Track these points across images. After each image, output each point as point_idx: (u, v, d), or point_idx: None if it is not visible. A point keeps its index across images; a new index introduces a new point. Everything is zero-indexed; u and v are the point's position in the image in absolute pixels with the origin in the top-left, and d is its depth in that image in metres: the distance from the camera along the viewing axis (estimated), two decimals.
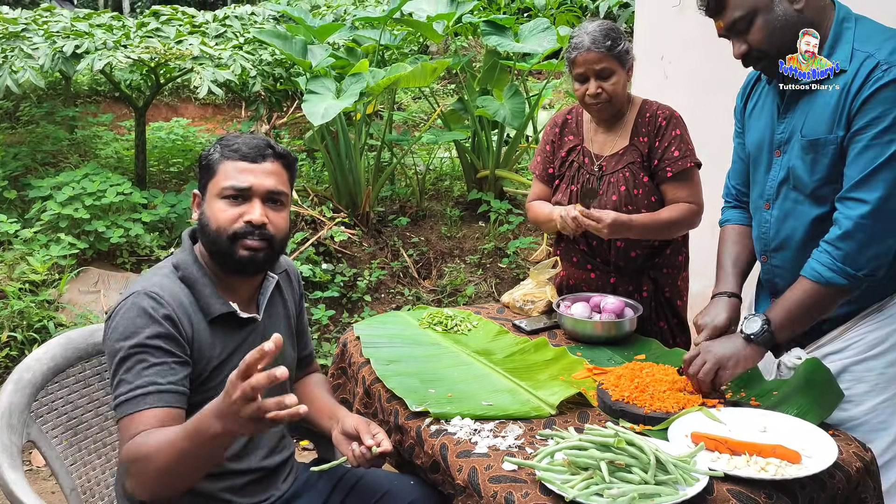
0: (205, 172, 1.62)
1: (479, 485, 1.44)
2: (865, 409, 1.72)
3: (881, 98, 1.57)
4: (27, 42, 3.82)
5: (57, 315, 3.37)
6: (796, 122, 1.73)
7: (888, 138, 1.57)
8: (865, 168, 1.60)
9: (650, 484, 1.33)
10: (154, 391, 1.44)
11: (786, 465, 1.43)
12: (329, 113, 3.89)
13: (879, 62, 1.57)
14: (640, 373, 1.80)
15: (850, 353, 1.75)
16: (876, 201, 1.59)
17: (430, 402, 1.73)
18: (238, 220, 1.56)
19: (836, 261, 1.64)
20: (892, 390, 1.72)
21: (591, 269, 2.36)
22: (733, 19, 1.67)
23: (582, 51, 2.16)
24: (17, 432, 1.58)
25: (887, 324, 1.73)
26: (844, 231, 1.63)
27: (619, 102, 2.24)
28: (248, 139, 1.62)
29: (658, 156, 2.24)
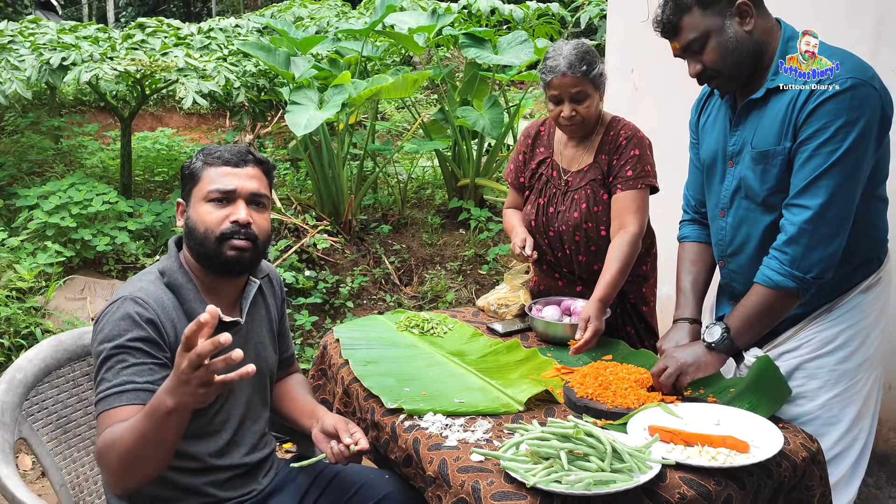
0: (188, 180, 1.70)
1: (449, 475, 1.53)
2: (818, 404, 1.83)
3: (825, 111, 1.67)
4: (14, 54, 3.89)
5: (44, 322, 3.44)
6: (747, 134, 1.84)
7: (830, 148, 1.67)
8: (809, 176, 1.70)
9: (606, 471, 1.43)
10: (130, 389, 1.51)
11: (735, 454, 1.53)
12: (311, 123, 3.98)
13: (822, 78, 1.69)
14: (603, 371, 1.90)
15: (802, 352, 1.86)
16: (818, 207, 1.69)
17: (405, 400, 1.82)
18: (224, 221, 1.64)
19: (784, 265, 1.73)
20: (842, 386, 1.83)
21: (559, 278, 2.47)
22: (688, 41, 1.77)
23: (557, 74, 2.19)
24: (10, 430, 1.66)
25: (836, 324, 1.83)
26: (790, 236, 1.72)
27: (591, 123, 2.30)
28: (230, 147, 1.72)
29: (613, 173, 2.30)
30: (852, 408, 1.84)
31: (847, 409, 1.83)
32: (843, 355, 1.83)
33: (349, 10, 7.40)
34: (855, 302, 1.84)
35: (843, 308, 1.84)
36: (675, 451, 1.56)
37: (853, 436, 1.84)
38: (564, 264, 2.42)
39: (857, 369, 1.84)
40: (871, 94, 1.67)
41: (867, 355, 1.85)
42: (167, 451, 1.46)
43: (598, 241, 2.34)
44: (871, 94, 1.67)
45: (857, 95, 1.65)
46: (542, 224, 2.40)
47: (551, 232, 2.39)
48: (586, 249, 2.36)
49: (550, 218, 2.38)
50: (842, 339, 1.83)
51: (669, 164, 2.44)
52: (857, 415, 1.85)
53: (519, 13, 5.69)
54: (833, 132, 1.67)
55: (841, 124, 1.66)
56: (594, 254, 2.35)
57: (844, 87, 1.66)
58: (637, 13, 3.17)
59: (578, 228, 2.33)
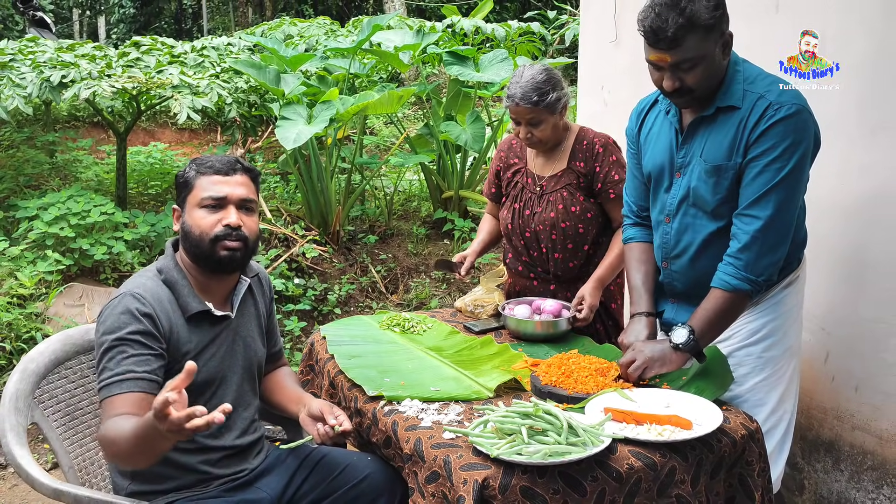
0: (183, 188, 1.88)
1: (423, 451, 1.70)
2: (746, 388, 2.03)
3: (774, 132, 1.85)
4: (15, 72, 4.06)
5: (44, 327, 3.59)
6: (696, 148, 1.99)
7: (779, 165, 1.85)
8: (759, 189, 1.87)
9: (562, 444, 1.60)
10: (131, 378, 1.69)
11: (679, 430, 1.71)
12: (300, 138, 4.16)
13: (771, 102, 1.86)
14: (567, 362, 2.07)
15: (733, 342, 2.06)
16: (767, 217, 1.87)
17: (385, 388, 1.98)
18: (217, 225, 1.82)
19: (739, 270, 1.90)
20: (767, 372, 2.03)
21: (533, 278, 2.65)
22: (683, 59, 1.82)
23: (511, 103, 2.43)
24: (23, 415, 1.82)
25: (762, 316, 2.04)
26: (743, 244, 1.89)
27: (550, 140, 2.51)
28: (220, 157, 1.90)
29: (600, 179, 2.51)
30: (777, 391, 2.04)
31: (772, 392, 2.03)
32: (768, 344, 2.03)
33: (338, 28, 7.61)
34: (779, 297, 2.04)
35: (767, 302, 2.04)
36: (626, 428, 1.73)
37: (778, 416, 2.04)
38: (540, 264, 2.60)
39: (780, 357, 2.04)
40: (809, 119, 1.87)
41: (788, 344, 2.06)
42: (157, 456, 1.61)
43: (574, 239, 2.53)
44: (809, 119, 1.87)
45: (800, 119, 1.84)
46: (519, 226, 2.59)
47: (528, 233, 2.57)
48: (563, 247, 2.54)
49: (527, 220, 2.57)
50: (766, 330, 2.03)
51: None
52: (781, 397, 2.05)
53: (501, 32, 5.91)
54: (781, 151, 1.84)
55: (788, 144, 1.84)
56: (571, 251, 2.54)
57: (791, 112, 1.83)
58: (607, 34, 3.38)
59: (556, 227, 2.51)
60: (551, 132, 2.48)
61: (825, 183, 2.26)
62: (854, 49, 2.20)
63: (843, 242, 2.40)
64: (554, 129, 2.49)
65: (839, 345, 2.41)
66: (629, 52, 3.25)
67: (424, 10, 13.67)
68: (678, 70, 1.84)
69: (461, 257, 2.65)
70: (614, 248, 2.51)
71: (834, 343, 2.42)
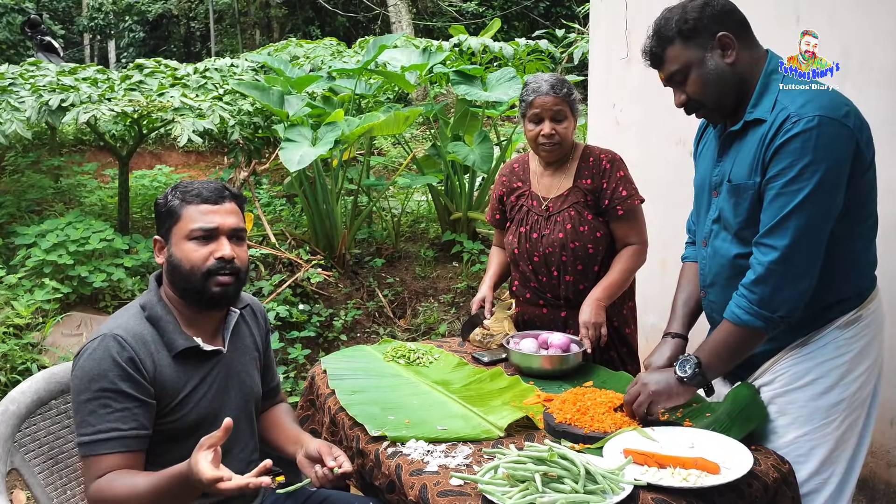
0: (166, 218, 1.75)
1: (429, 499, 1.57)
2: (786, 441, 1.79)
3: (790, 149, 1.65)
4: (14, 96, 4.00)
5: (40, 358, 3.49)
6: (727, 166, 1.84)
7: (796, 187, 1.65)
8: (776, 215, 1.68)
9: (580, 493, 1.48)
10: (116, 437, 1.59)
11: (705, 475, 1.58)
12: (304, 160, 4.07)
13: (790, 114, 1.66)
14: (582, 397, 1.95)
15: (775, 386, 1.83)
16: (784, 248, 1.67)
17: (389, 427, 1.86)
18: (209, 258, 1.71)
19: (752, 304, 1.71)
20: (812, 425, 1.78)
21: (542, 305, 2.52)
22: (671, 72, 1.79)
23: (541, 94, 2.36)
24: (2, 461, 1.70)
25: (809, 358, 1.79)
26: (758, 276, 1.70)
27: (567, 146, 2.43)
28: (206, 184, 1.78)
29: (608, 196, 2.42)
30: (822, 448, 1.77)
31: (816, 449, 1.77)
32: (815, 392, 1.78)
33: (344, 49, 7.56)
34: (830, 338, 1.78)
35: (817, 343, 1.79)
36: (648, 472, 1.60)
37: (822, 479, 1.78)
38: (549, 289, 2.48)
39: (831, 409, 1.77)
40: (840, 132, 1.64)
41: (843, 395, 1.78)
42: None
43: (584, 260, 2.42)
44: (840, 133, 1.64)
45: (823, 133, 1.62)
46: (526, 250, 2.47)
47: (535, 257, 2.45)
48: (573, 269, 2.43)
49: (535, 243, 2.45)
50: (814, 375, 1.78)
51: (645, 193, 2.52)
52: (829, 457, 1.77)
53: (509, 50, 5.83)
54: (798, 171, 1.64)
55: (806, 163, 1.63)
56: (581, 273, 2.43)
57: (810, 125, 1.63)
58: (618, 51, 3.28)
59: (565, 248, 2.40)
60: (570, 137, 2.42)
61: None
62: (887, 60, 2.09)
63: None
64: (571, 134, 2.43)
65: None
66: (641, 70, 3.13)
67: (432, 30, 13.68)
68: (674, 84, 1.81)
69: (479, 303, 2.51)
70: (615, 267, 2.41)
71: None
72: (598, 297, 2.35)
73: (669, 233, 2.87)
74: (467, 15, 13.84)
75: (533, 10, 14.15)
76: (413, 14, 12.51)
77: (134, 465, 1.61)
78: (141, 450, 1.63)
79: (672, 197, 2.96)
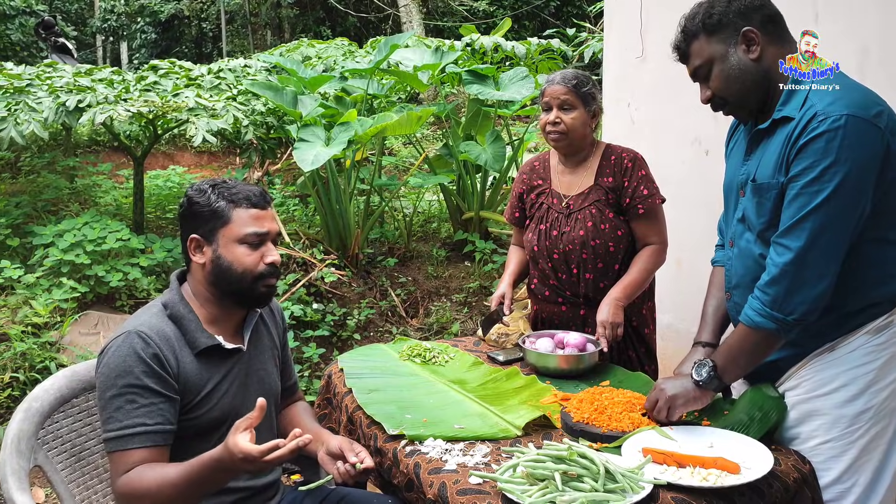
0: (211, 218, 1.74)
1: (448, 497, 1.58)
2: (809, 447, 1.77)
3: (813, 149, 1.61)
4: (32, 96, 4.03)
5: (58, 356, 3.52)
6: (752, 165, 1.80)
7: (816, 188, 1.62)
8: (795, 215, 1.65)
9: (599, 491, 1.48)
10: (143, 432, 1.61)
11: (725, 475, 1.58)
12: (318, 160, 4.08)
13: (817, 113, 1.62)
14: (599, 396, 1.95)
15: (800, 391, 1.79)
16: (798, 250, 1.64)
17: (406, 426, 1.87)
18: (260, 263, 1.75)
19: (764, 306, 1.69)
20: (836, 432, 1.74)
21: (561, 303, 2.52)
22: (695, 67, 1.80)
23: (552, 84, 2.42)
24: (26, 457, 1.73)
25: (835, 364, 1.75)
26: (772, 277, 1.68)
27: (575, 138, 2.42)
28: (246, 188, 1.78)
29: (629, 195, 2.42)
30: (846, 456, 1.73)
31: (840, 457, 1.74)
32: (841, 399, 1.74)
33: (356, 49, 7.57)
34: (858, 343, 1.74)
35: (844, 349, 1.74)
36: (667, 472, 1.60)
37: (845, 487, 1.74)
38: (568, 287, 2.48)
39: (857, 417, 1.73)
40: (868, 131, 1.60)
41: (871, 403, 1.72)
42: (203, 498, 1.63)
43: (605, 258, 2.42)
44: (868, 132, 1.60)
45: (850, 133, 1.58)
46: (546, 247, 2.47)
47: (556, 254, 2.45)
48: (594, 267, 2.42)
49: (555, 241, 2.45)
50: (840, 382, 1.74)
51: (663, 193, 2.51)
52: (852, 465, 1.73)
53: (521, 49, 5.82)
54: (820, 172, 1.61)
55: (829, 164, 1.60)
56: (601, 271, 2.42)
57: (836, 124, 1.59)
58: (632, 50, 3.27)
59: (586, 245, 2.40)
60: (579, 128, 2.41)
61: None
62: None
63: None
64: (582, 126, 2.41)
65: None
66: (655, 69, 3.14)
67: (442, 29, 13.68)
68: (699, 79, 1.81)
69: (498, 299, 2.49)
70: (634, 266, 2.41)
71: None
72: (617, 296, 2.34)
73: (684, 232, 2.87)
74: (478, 14, 13.83)
75: (544, 9, 14.13)
76: (423, 14, 12.52)
77: (160, 459, 1.62)
78: (167, 444, 1.64)
79: (687, 196, 2.96)
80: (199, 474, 1.55)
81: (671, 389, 1.82)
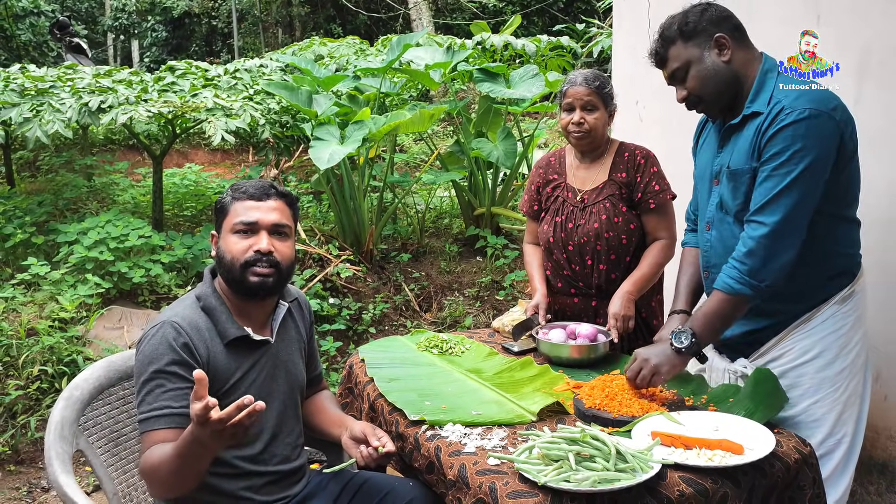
0: (219, 214, 1.90)
1: (468, 478, 1.68)
2: (800, 409, 1.99)
3: (783, 136, 1.85)
4: (55, 97, 4.14)
5: (84, 350, 3.63)
6: (726, 156, 2.03)
7: (786, 170, 1.85)
8: (767, 194, 1.88)
9: (611, 471, 1.57)
10: (168, 414, 1.70)
11: (730, 455, 1.67)
12: (334, 158, 4.18)
13: (784, 106, 1.87)
14: (610, 384, 2.04)
15: (784, 360, 2.02)
16: (773, 224, 1.87)
17: (427, 412, 1.97)
18: (248, 251, 1.83)
19: (742, 275, 1.90)
20: (822, 393, 1.98)
21: (574, 294, 2.61)
22: (673, 70, 2.00)
23: (574, 85, 2.51)
24: (68, 442, 1.84)
25: (814, 333, 1.99)
26: (749, 249, 1.90)
27: (597, 137, 2.53)
28: (255, 183, 1.91)
29: (641, 189, 2.52)
30: (833, 412, 1.98)
31: (828, 414, 1.97)
32: (822, 363, 1.98)
33: (367, 47, 7.67)
34: (830, 312, 1.99)
35: (819, 318, 1.99)
36: (675, 453, 1.69)
37: (837, 439, 1.98)
38: (582, 278, 2.57)
39: (836, 377, 1.98)
40: (827, 123, 1.84)
41: (845, 364, 1.99)
42: (199, 475, 1.67)
43: (618, 250, 2.51)
44: (827, 124, 1.84)
45: (813, 125, 1.83)
46: (561, 239, 2.56)
47: (570, 246, 2.55)
48: (607, 258, 2.52)
49: (570, 233, 2.55)
50: (819, 348, 1.99)
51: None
52: (839, 419, 1.98)
53: (531, 47, 5.90)
54: (789, 156, 1.85)
55: (796, 150, 1.83)
56: (614, 262, 2.52)
57: (802, 116, 1.83)
58: (640, 50, 3.34)
59: (600, 237, 2.50)
60: (601, 128, 2.52)
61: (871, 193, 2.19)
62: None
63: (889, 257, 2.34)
64: (603, 126, 2.53)
65: (891, 363, 2.34)
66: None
67: (452, 27, 13.75)
68: (676, 81, 2.00)
69: (533, 308, 2.55)
70: (645, 261, 2.51)
71: (885, 361, 2.35)
72: (629, 290, 2.45)
73: None
74: (488, 11, 13.89)
75: (553, 5, 14.17)
76: (433, 11, 12.59)
77: None
78: None
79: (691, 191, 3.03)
80: (181, 447, 1.59)
81: (654, 358, 1.97)
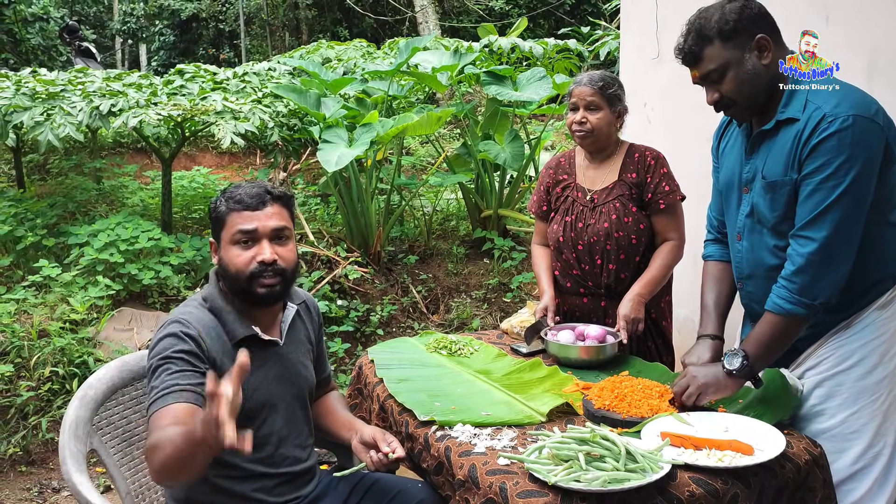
0: (216, 224, 1.87)
1: (478, 478, 1.68)
2: (837, 420, 1.90)
3: (826, 147, 1.76)
4: (66, 101, 4.18)
5: (95, 351, 3.66)
6: (758, 163, 1.93)
7: (832, 184, 1.76)
8: (814, 210, 1.79)
9: (621, 471, 1.58)
10: (175, 390, 1.67)
11: (740, 456, 1.67)
12: (342, 160, 4.20)
13: (826, 114, 1.76)
14: (619, 385, 2.04)
15: (822, 369, 1.93)
16: (823, 239, 1.78)
17: (436, 413, 1.98)
18: (252, 262, 1.80)
19: (793, 294, 1.82)
20: (861, 403, 1.89)
21: (583, 294, 2.61)
22: (707, 71, 1.87)
23: (580, 85, 2.54)
24: (82, 441, 1.85)
25: (853, 340, 1.90)
26: (798, 267, 1.82)
27: (601, 136, 2.53)
28: (249, 189, 1.86)
29: (651, 190, 2.53)
30: (872, 424, 1.88)
31: (867, 425, 1.88)
32: (862, 372, 1.89)
33: (374, 50, 7.69)
34: (870, 319, 1.89)
35: (859, 325, 1.90)
36: (685, 454, 1.70)
37: (875, 451, 1.89)
38: (591, 278, 2.57)
39: (876, 386, 1.89)
40: (872, 129, 1.75)
41: (886, 372, 1.89)
42: (196, 471, 1.57)
43: (627, 249, 2.52)
44: (872, 129, 1.75)
45: (857, 132, 1.73)
46: (571, 239, 2.57)
47: (580, 245, 2.56)
48: (616, 258, 2.53)
49: (580, 232, 2.56)
50: (859, 356, 1.89)
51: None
52: (878, 431, 1.89)
53: (538, 50, 5.91)
54: (835, 168, 1.75)
55: (843, 161, 1.74)
56: (623, 262, 2.53)
57: (846, 124, 1.74)
58: (648, 51, 3.36)
59: (609, 237, 2.51)
60: (604, 128, 2.52)
61: None
62: None
63: None
64: (607, 126, 2.53)
65: None
66: (671, 69, 3.21)
67: (458, 30, 13.77)
68: (709, 82, 1.88)
69: (542, 311, 2.56)
70: (655, 263, 2.52)
71: None
72: (640, 292, 2.46)
73: (700, 230, 2.92)
74: (494, 13, 13.91)
75: (559, 7, 14.18)
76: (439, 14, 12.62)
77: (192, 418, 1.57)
78: (198, 405, 1.64)
79: (702, 194, 3.02)
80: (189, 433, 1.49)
81: (703, 377, 1.92)
